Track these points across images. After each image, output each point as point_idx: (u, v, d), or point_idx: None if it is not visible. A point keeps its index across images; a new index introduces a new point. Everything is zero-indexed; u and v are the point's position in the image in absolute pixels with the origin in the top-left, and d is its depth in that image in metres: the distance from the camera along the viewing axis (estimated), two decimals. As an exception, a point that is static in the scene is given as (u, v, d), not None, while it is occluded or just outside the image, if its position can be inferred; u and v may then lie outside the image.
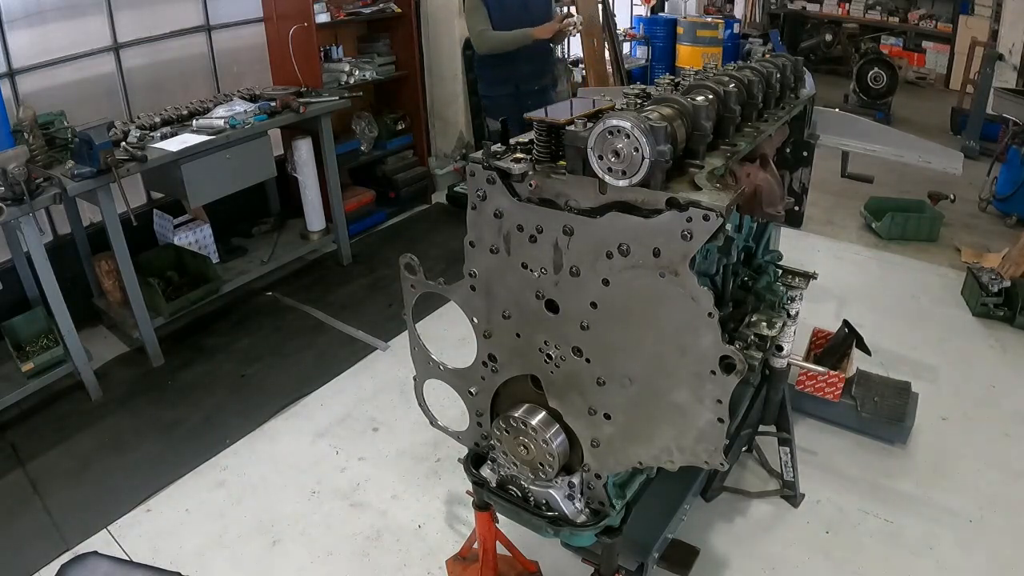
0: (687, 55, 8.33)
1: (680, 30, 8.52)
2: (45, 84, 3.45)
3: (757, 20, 10.28)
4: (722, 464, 1.30)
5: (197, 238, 3.86)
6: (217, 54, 4.20)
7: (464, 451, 1.73)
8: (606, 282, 1.23)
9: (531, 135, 1.32)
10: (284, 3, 4.16)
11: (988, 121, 5.93)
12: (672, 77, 1.70)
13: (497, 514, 1.78)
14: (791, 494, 2.46)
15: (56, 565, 1.96)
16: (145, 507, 2.51)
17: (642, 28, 8.83)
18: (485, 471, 1.66)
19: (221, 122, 3.37)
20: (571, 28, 3.68)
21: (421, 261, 1.57)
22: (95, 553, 1.50)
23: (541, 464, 1.46)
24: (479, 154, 1.31)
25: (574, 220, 1.23)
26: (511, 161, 1.28)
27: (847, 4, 9.66)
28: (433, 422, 1.75)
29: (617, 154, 1.10)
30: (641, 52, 8.62)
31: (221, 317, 3.75)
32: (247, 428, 2.89)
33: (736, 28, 8.97)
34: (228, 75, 4.27)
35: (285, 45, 4.04)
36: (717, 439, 1.26)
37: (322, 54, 4.48)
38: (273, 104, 3.68)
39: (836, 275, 3.99)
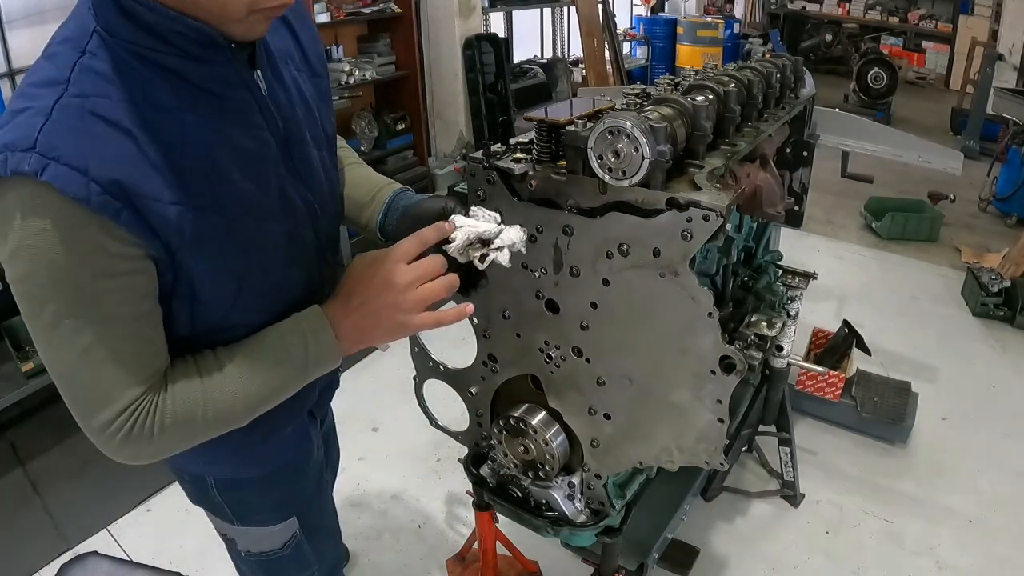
0: (687, 55, 8.35)
1: (680, 30, 8.53)
2: (45, 84, 3.45)
3: (757, 20, 10.29)
4: (722, 464, 1.30)
5: (197, 238, 3.85)
6: (217, 54, 4.19)
7: (464, 451, 1.73)
8: (606, 282, 1.23)
9: (531, 135, 1.32)
10: (284, 3, 4.16)
11: (988, 121, 5.94)
12: (672, 77, 1.69)
13: (497, 514, 1.78)
14: (791, 494, 2.46)
15: (56, 565, 1.96)
16: (145, 507, 2.51)
17: (642, 28, 8.85)
18: (485, 471, 1.66)
19: (221, 122, 3.37)
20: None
21: (421, 261, 1.57)
22: (95, 553, 1.50)
23: (541, 464, 1.46)
24: (479, 154, 1.31)
25: (574, 220, 1.23)
26: (511, 161, 1.28)
27: (847, 4, 9.67)
28: (433, 422, 1.75)
29: (617, 154, 1.10)
30: (641, 52, 8.63)
31: (221, 317, 3.75)
32: (247, 428, 2.89)
33: (736, 28, 8.99)
34: (228, 75, 4.26)
35: (285, 45, 4.04)
36: (717, 439, 1.26)
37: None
38: (273, 104, 3.67)
39: (836, 275, 4.00)
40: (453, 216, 1.04)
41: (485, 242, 1.00)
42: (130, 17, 0.80)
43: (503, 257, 1.03)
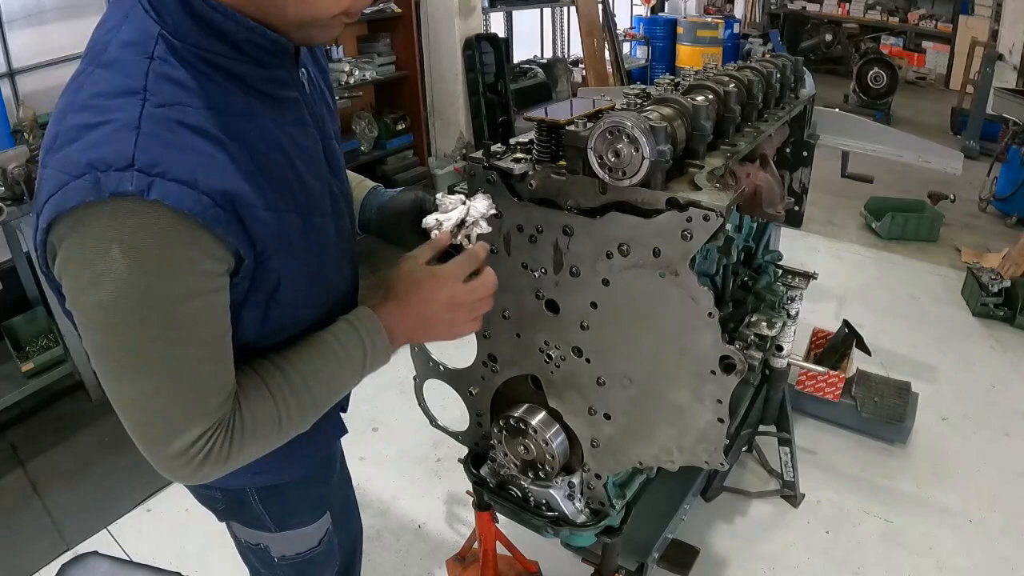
0: (687, 55, 8.35)
1: (680, 30, 8.53)
2: (45, 84, 3.44)
3: (757, 20, 10.28)
4: (722, 464, 1.30)
5: (197, 238, 3.84)
6: (217, 54, 4.19)
7: (464, 451, 1.73)
8: (606, 282, 1.23)
9: (531, 135, 1.32)
10: (284, 3, 4.16)
11: (988, 121, 5.94)
12: (672, 77, 1.69)
13: (497, 514, 1.78)
14: (791, 494, 2.46)
15: (56, 565, 1.96)
16: (145, 507, 2.51)
17: (642, 28, 8.85)
18: (485, 471, 1.66)
19: (221, 122, 3.36)
20: None
21: (421, 261, 1.56)
22: (95, 553, 1.49)
23: (541, 464, 1.46)
24: (479, 154, 1.31)
25: (574, 220, 1.23)
26: (511, 161, 1.28)
27: (847, 4, 9.67)
28: (433, 422, 1.75)
29: (617, 154, 1.10)
30: (641, 52, 8.62)
31: (221, 317, 3.75)
32: (247, 428, 2.89)
33: (736, 28, 8.99)
34: (228, 75, 4.26)
35: (285, 45, 4.04)
36: (717, 439, 1.26)
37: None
38: (273, 104, 3.67)
39: (836, 275, 3.99)
40: (431, 216, 1.06)
41: (462, 223, 1.07)
42: (200, 22, 0.77)
43: (483, 229, 1.09)
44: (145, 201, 0.70)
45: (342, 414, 1.24)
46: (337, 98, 3.99)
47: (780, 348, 2.13)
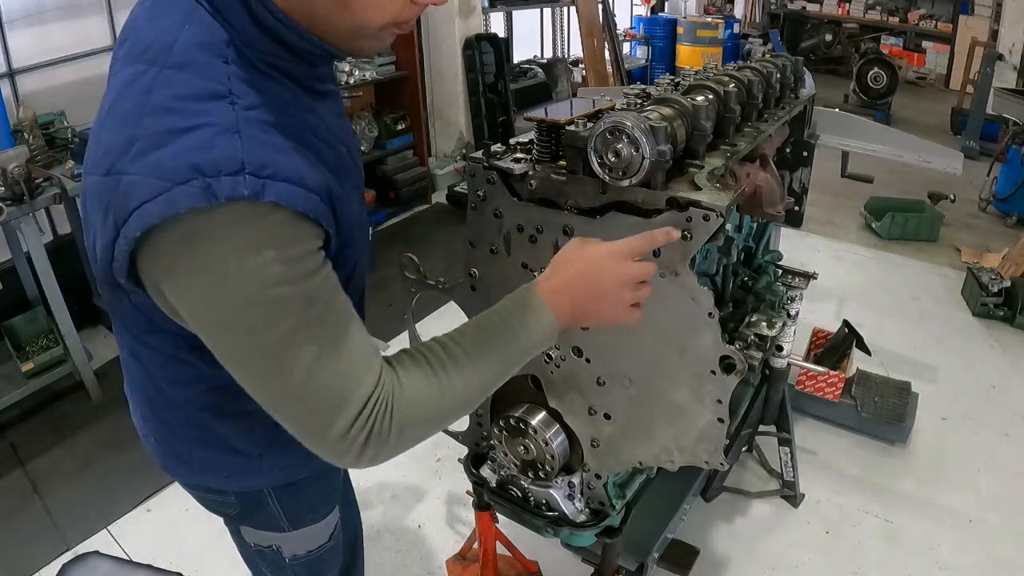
0: (687, 55, 8.34)
1: (680, 30, 8.53)
2: (45, 84, 3.45)
3: (757, 20, 10.28)
4: (722, 464, 1.30)
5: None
6: (217, 54, 4.19)
7: (464, 451, 1.73)
8: (606, 282, 1.23)
9: (531, 135, 1.32)
10: (284, 3, 4.16)
11: (988, 121, 5.94)
12: (672, 77, 1.70)
13: (497, 514, 1.78)
14: (791, 494, 2.46)
15: (56, 565, 1.96)
16: (145, 507, 2.51)
17: (642, 28, 8.84)
18: (485, 471, 1.66)
19: (221, 122, 3.36)
20: None
21: (421, 261, 1.57)
22: (96, 553, 1.50)
23: (541, 464, 1.46)
24: (479, 154, 1.31)
25: (574, 220, 1.23)
26: (511, 161, 1.29)
27: (847, 4, 9.67)
28: (433, 422, 1.75)
29: (617, 154, 1.10)
30: (641, 52, 8.62)
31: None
32: (247, 428, 2.89)
33: (736, 28, 8.99)
34: (228, 75, 4.26)
35: (285, 45, 4.04)
36: (717, 439, 1.27)
37: (322, 54, 4.48)
38: (273, 104, 3.67)
39: (836, 275, 4.00)
40: None
41: None
42: (267, 32, 0.78)
43: None
44: (260, 203, 0.71)
45: None
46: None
47: (780, 348, 2.13)
